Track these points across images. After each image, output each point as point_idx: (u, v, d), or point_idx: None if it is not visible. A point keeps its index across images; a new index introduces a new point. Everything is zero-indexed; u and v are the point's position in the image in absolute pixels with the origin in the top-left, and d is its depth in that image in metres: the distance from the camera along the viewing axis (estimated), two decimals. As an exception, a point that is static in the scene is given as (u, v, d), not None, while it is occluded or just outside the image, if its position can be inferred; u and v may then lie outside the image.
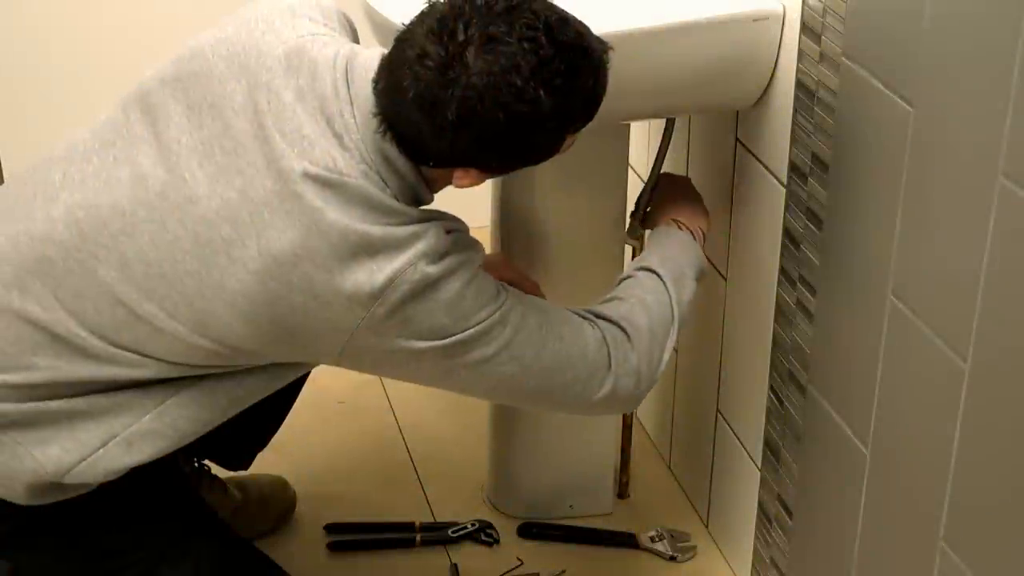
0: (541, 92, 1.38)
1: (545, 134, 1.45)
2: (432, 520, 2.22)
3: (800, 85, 1.70)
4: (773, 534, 1.95)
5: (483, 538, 2.19)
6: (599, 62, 1.44)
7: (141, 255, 1.48)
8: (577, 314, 1.61)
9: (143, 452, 1.56)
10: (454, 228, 1.50)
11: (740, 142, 1.90)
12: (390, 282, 1.43)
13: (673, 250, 1.74)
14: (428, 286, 1.45)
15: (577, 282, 2.01)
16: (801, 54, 1.69)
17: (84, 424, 1.54)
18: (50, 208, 1.52)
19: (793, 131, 1.73)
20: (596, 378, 1.60)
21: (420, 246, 1.44)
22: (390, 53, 1.44)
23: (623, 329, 1.62)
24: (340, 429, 2.40)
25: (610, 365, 1.60)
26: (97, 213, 1.50)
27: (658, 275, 1.69)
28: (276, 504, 2.21)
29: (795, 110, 1.72)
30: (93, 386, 1.54)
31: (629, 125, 2.02)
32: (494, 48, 1.37)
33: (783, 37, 1.73)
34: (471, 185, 1.49)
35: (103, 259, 1.49)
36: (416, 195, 1.49)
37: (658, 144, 1.95)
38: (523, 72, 1.37)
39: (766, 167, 1.83)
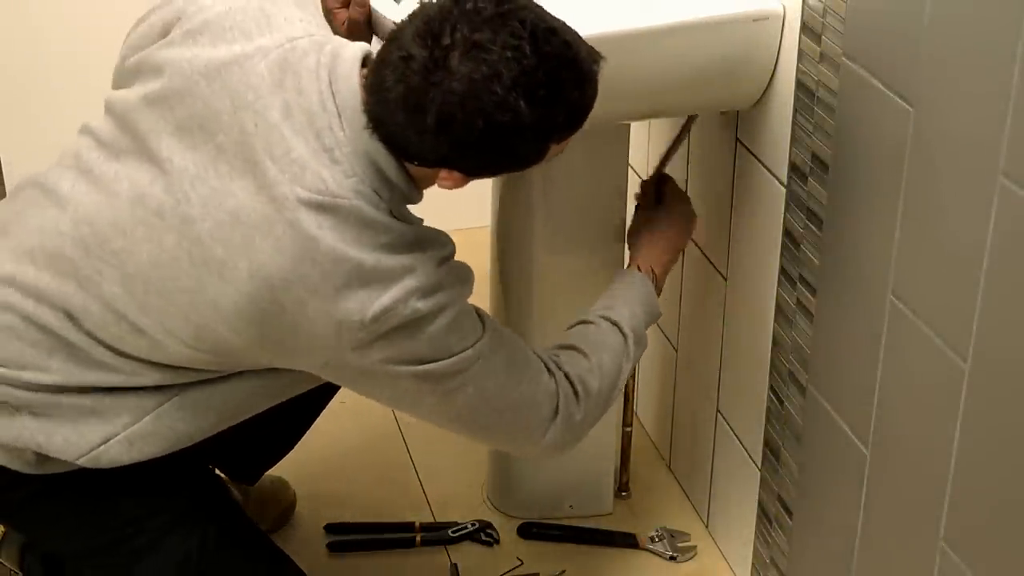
0: (522, 103, 1.37)
1: (526, 144, 1.43)
2: (432, 520, 2.22)
3: (800, 85, 1.70)
4: (773, 534, 1.95)
5: (483, 538, 2.19)
6: (587, 74, 1.42)
7: (141, 272, 1.51)
8: (540, 358, 1.64)
9: (143, 451, 1.59)
10: (446, 255, 1.51)
11: (740, 142, 1.90)
12: (379, 316, 1.44)
13: (640, 303, 1.76)
14: (418, 320, 1.46)
15: (575, 281, 2.01)
16: (801, 54, 1.69)
17: (87, 421, 1.57)
18: (59, 222, 1.55)
19: (793, 131, 1.73)
20: (542, 425, 1.63)
21: (411, 282, 1.45)
22: (380, 51, 1.43)
23: (575, 389, 1.65)
24: (340, 429, 2.40)
25: (555, 417, 1.63)
26: (101, 230, 1.53)
27: (624, 337, 1.71)
28: (276, 504, 2.21)
29: (795, 110, 1.72)
30: (101, 387, 1.58)
31: (629, 125, 2.02)
32: (477, 55, 1.36)
33: (783, 37, 1.73)
34: (454, 187, 1.48)
35: (107, 276, 1.53)
36: (406, 197, 1.50)
37: (675, 133, 1.96)
38: (504, 81, 1.36)
39: (766, 167, 1.83)
